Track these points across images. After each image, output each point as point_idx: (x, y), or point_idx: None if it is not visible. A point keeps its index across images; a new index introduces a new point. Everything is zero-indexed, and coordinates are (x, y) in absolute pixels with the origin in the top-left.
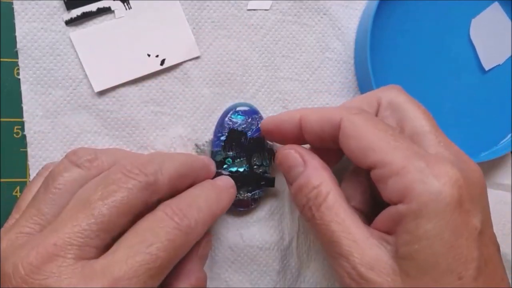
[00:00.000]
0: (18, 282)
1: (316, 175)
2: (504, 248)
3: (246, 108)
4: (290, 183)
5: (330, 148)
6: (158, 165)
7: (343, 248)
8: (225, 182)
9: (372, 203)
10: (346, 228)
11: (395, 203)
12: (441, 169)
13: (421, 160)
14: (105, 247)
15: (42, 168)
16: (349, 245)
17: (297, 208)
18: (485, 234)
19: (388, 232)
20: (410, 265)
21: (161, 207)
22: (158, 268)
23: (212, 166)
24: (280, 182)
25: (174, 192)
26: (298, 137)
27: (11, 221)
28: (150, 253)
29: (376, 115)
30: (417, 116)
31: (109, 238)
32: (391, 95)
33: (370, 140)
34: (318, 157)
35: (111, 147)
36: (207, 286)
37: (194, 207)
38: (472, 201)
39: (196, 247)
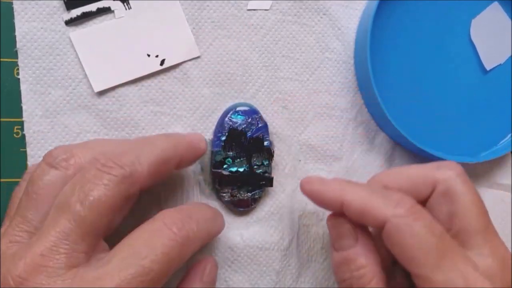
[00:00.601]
0: None
1: (366, 255)
2: None
3: (246, 108)
4: (335, 249)
5: None
6: (135, 154)
7: None
8: (218, 210)
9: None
10: None
11: None
12: None
13: (460, 279)
14: (93, 249)
15: (25, 172)
16: None
17: (334, 275)
18: None
19: None
20: None
21: (160, 216)
22: (151, 281)
23: (202, 143)
24: (280, 182)
25: (158, 178)
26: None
27: (3, 228)
28: (143, 265)
29: (429, 197)
30: (470, 213)
31: (95, 240)
32: (450, 180)
33: (414, 252)
34: (370, 236)
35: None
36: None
37: (193, 219)
38: None
39: (199, 270)
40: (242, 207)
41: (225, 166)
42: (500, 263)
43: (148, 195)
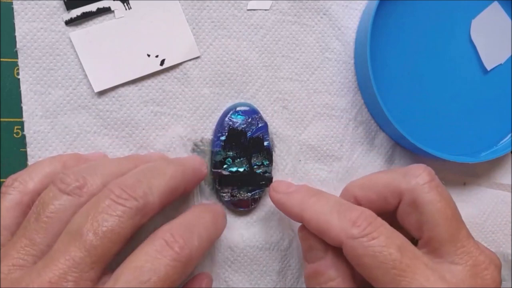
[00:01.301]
0: None
1: (336, 267)
2: (505, 248)
3: (246, 108)
4: (306, 261)
5: None
6: (147, 185)
7: None
8: (219, 208)
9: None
10: None
11: None
12: None
13: None
14: (99, 277)
15: (4, 185)
16: None
17: (305, 285)
18: None
19: None
20: None
21: (161, 233)
22: None
23: (203, 168)
24: None
25: (166, 205)
26: None
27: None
28: None
29: (398, 207)
30: (438, 222)
31: (102, 268)
32: (416, 190)
33: (372, 272)
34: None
35: (110, 147)
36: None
37: (195, 234)
38: None
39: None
40: (242, 207)
41: (225, 166)
42: (472, 269)
43: None
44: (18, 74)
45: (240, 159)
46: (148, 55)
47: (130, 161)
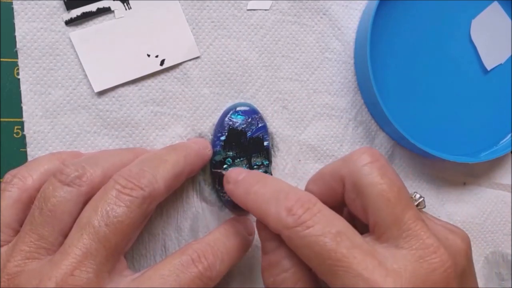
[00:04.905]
0: None
1: (291, 257)
2: (504, 248)
3: (246, 108)
4: (262, 252)
5: None
6: (151, 173)
7: None
8: (248, 227)
9: None
10: None
11: None
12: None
13: (360, 281)
14: (115, 267)
15: (3, 181)
16: None
17: (263, 281)
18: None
19: None
20: None
21: (190, 251)
22: None
23: (207, 150)
24: None
25: (171, 191)
26: None
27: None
28: None
29: (344, 194)
30: (380, 205)
31: (117, 258)
32: (355, 173)
33: (310, 262)
34: None
35: (110, 147)
36: None
37: (218, 258)
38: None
39: None
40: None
41: (225, 166)
42: (417, 252)
43: None
44: (18, 74)
45: (240, 159)
46: (148, 55)
47: (130, 152)
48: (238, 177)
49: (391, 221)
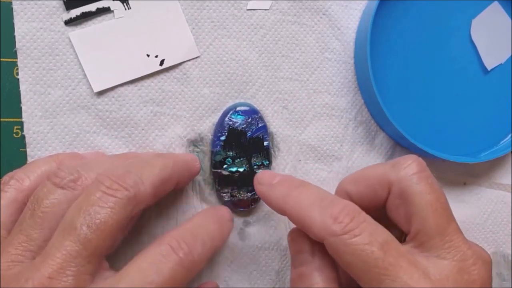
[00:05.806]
0: None
1: (321, 271)
2: (505, 248)
3: (246, 108)
4: (293, 265)
5: None
6: (137, 175)
7: None
8: (226, 213)
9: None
10: None
11: None
12: None
13: None
14: (97, 270)
15: (1, 182)
16: None
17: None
18: None
19: None
20: None
21: (167, 238)
22: None
23: (196, 163)
24: None
25: (159, 197)
26: None
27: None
28: None
29: (387, 199)
30: (427, 214)
31: (99, 261)
32: (404, 181)
33: (355, 270)
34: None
35: (110, 147)
36: (206, 286)
37: (199, 241)
38: None
39: None
40: (242, 207)
41: (225, 166)
42: (458, 264)
43: None
44: (17, 74)
45: (240, 159)
46: (148, 55)
47: (125, 158)
48: (272, 179)
49: (436, 231)
